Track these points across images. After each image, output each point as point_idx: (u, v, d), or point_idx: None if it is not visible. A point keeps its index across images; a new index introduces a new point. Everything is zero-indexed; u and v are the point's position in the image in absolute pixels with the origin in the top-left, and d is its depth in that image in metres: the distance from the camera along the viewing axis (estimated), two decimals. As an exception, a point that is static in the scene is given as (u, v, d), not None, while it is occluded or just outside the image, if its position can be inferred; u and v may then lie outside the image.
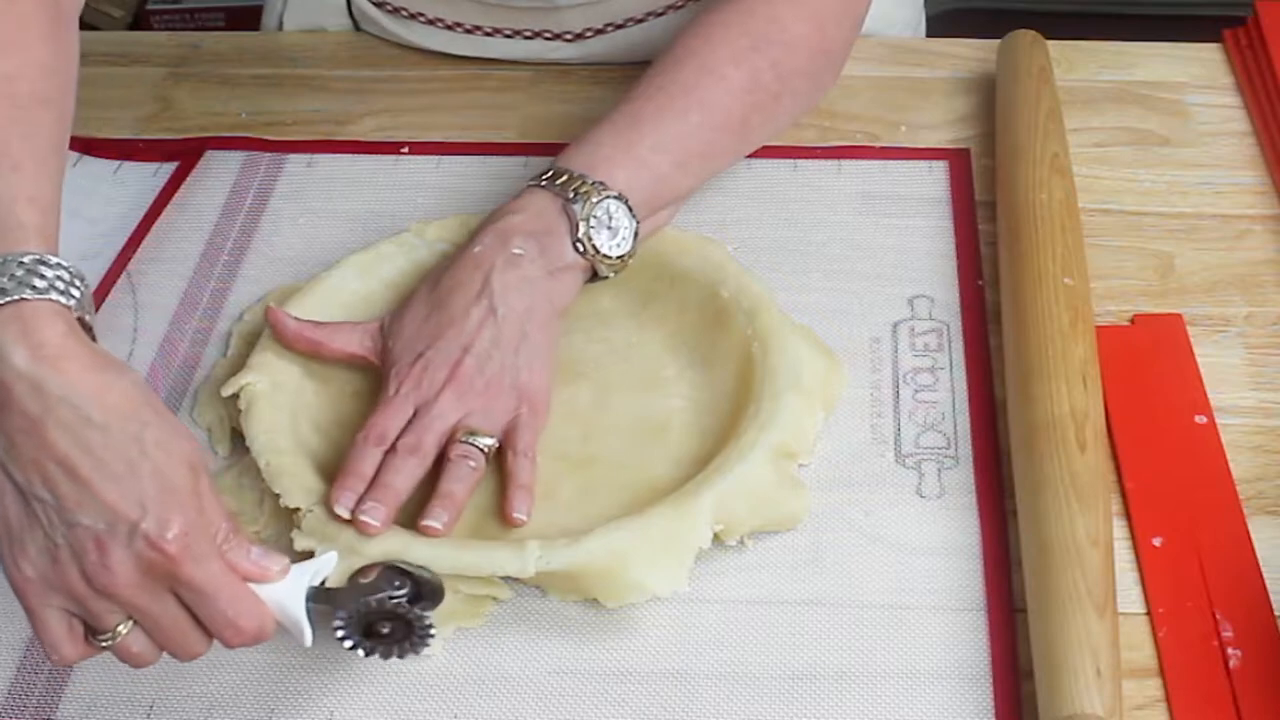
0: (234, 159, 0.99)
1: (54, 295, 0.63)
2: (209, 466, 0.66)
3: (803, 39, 0.87)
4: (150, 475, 0.62)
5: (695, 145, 0.84)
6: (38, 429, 0.61)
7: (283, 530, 0.74)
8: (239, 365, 0.81)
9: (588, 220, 0.79)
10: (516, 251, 0.78)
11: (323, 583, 0.68)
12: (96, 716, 0.69)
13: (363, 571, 0.69)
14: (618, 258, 0.81)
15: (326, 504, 0.72)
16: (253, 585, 0.65)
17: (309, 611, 0.66)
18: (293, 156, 0.99)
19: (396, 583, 0.68)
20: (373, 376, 0.82)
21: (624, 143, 0.82)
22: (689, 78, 0.85)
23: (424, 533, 0.72)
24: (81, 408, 0.61)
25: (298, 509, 0.73)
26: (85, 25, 0.90)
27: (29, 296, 0.62)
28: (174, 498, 0.62)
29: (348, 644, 0.66)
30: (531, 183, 0.82)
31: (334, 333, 0.80)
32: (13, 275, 0.63)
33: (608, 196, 0.80)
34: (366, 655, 0.66)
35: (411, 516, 0.73)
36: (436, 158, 0.99)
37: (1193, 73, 1.04)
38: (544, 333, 0.78)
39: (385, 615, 0.67)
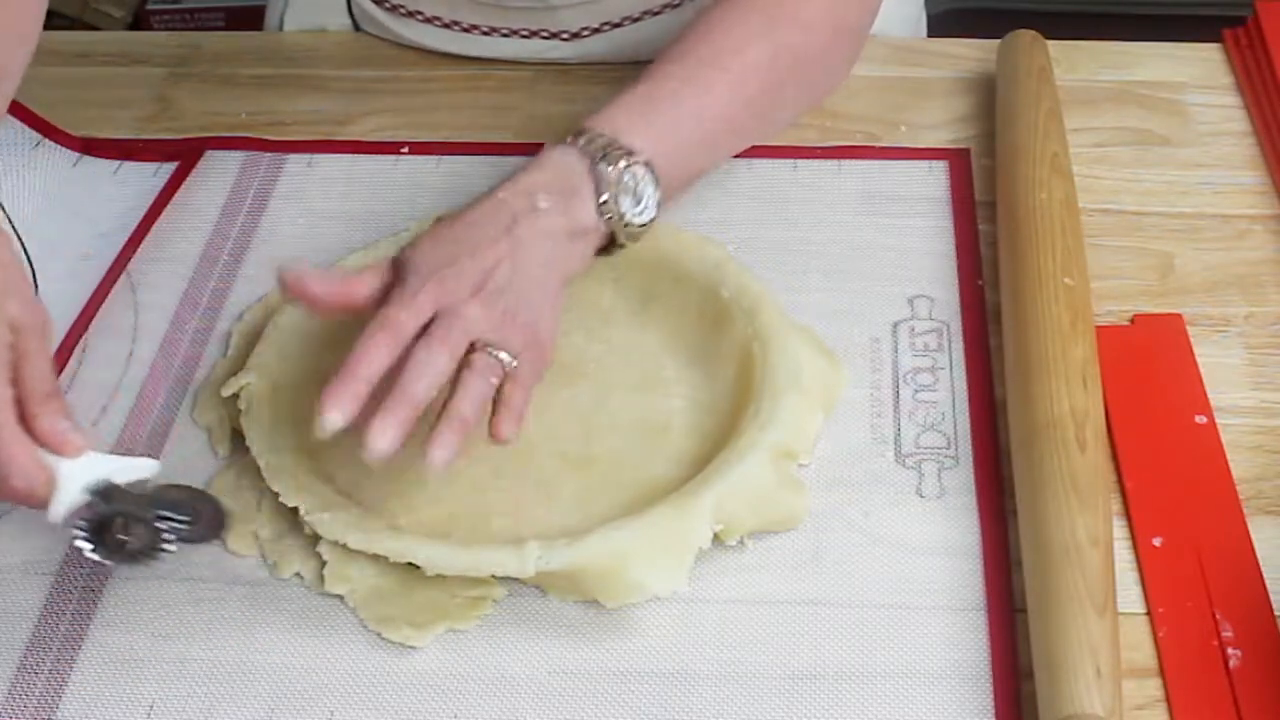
0: (234, 159, 0.99)
1: None
2: (47, 334, 0.70)
3: (819, 20, 0.87)
4: None
5: (716, 121, 0.83)
6: None
7: (282, 530, 0.75)
8: (239, 365, 0.81)
9: (616, 183, 0.77)
10: (542, 205, 0.76)
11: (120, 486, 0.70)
12: (96, 716, 0.69)
13: (173, 488, 0.72)
14: (640, 226, 0.79)
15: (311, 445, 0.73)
16: (50, 455, 0.68)
17: (86, 502, 0.68)
18: (293, 156, 0.99)
19: (183, 512, 0.70)
20: (373, 376, 0.83)
21: (649, 112, 0.81)
22: (708, 54, 0.84)
23: (431, 458, 0.68)
24: None
25: (297, 508, 0.73)
26: (85, 25, 0.90)
27: None
28: None
29: (82, 544, 0.69)
30: (557, 142, 0.79)
31: (356, 282, 0.74)
32: None
33: (635, 162, 0.78)
34: (101, 558, 0.69)
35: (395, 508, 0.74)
36: (436, 158, 0.99)
37: (1193, 73, 1.03)
38: (557, 290, 0.77)
39: (129, 523, 0.69)
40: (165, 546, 0.69)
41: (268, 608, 0.72)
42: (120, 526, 0.69)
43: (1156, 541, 0.73)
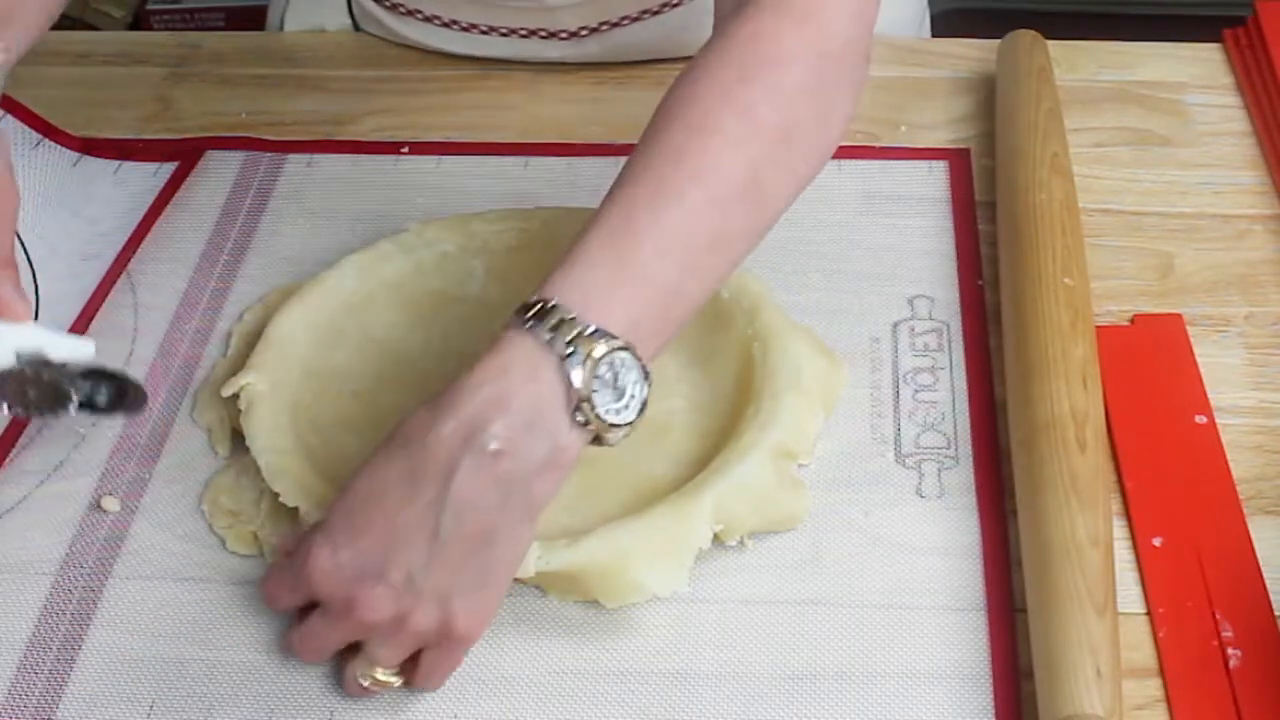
0: (234, 159, 0.99)
1: None
2: (12, 209, 0.74)
3: (800, 50, 0.72)
4: None
5: (703, 234, 0.68)
6: None
7: (282, 529, 0.74)
8: (239, 365, 0.81)
9: (592, 382, 0.63)
10: (492, 447, 0.63)
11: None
12: (96, 716, 0.69)
13: (100, 370, 0.73)
14: (625, 425, 0.65)
15: None
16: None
17: (12, 365, 0.70)
18: (293, 156, 0.99)
19: (99, 387, 0.71)
20: (374, 377, 0.83)
21: (619, 255, 0.66)
22: (677, 143, 0.69)
23: None
24: None
25: (297, 508, 0.73)
26: (85, 25, 0.90)
27: None
28: None
29: None
30: (513, 326, 0.64)
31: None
32: None
33: (613, 348, 0.64)
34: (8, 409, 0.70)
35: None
36: (436, 158, 0.99)
37: (1193, 73, 1.04)
38: (508, 552, 0.65)
39: (38, 377, 0.70)
40: (67, 406, 0.70)
41: (268, 608, 0.72)
42: (29, 380, 0.70)
43: (1156, 541, 0.73)
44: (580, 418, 0.64)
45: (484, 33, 1.05)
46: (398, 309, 0.86)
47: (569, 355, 0.63)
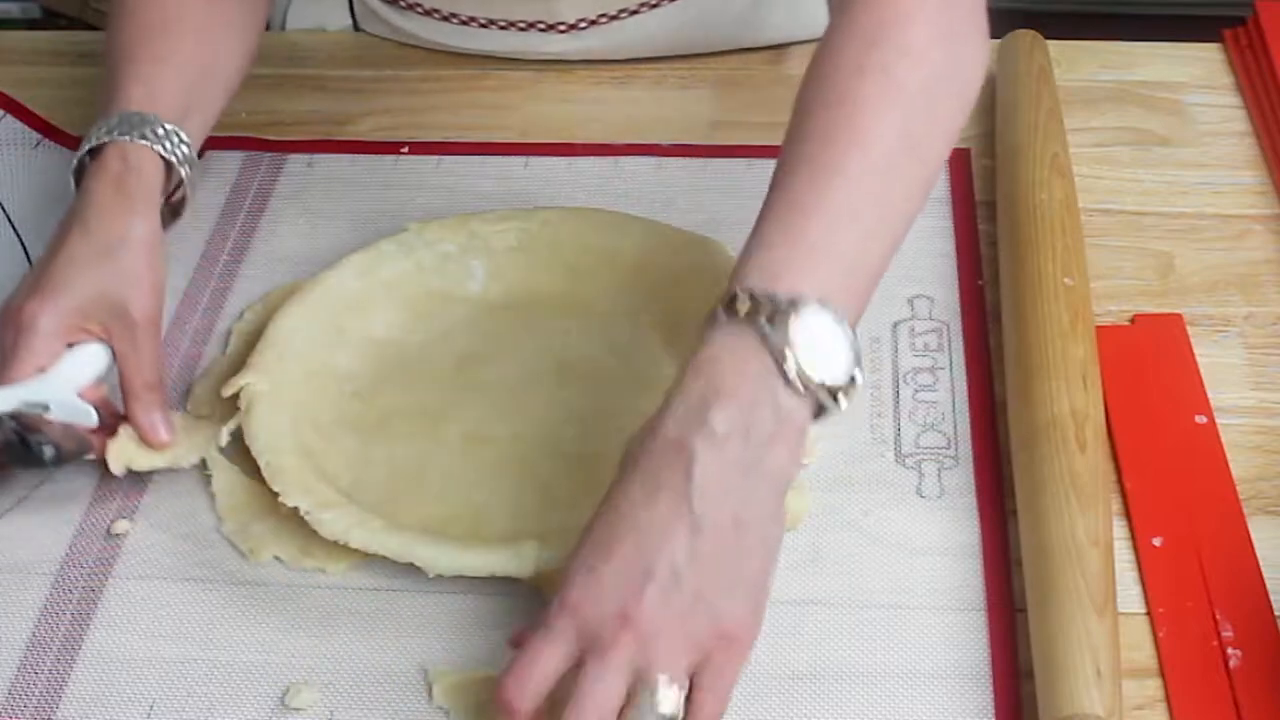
0: (234, 159, 0.99)
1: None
2: (158, 329, 0.78)
3: (919, 5, 0.73)
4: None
5: (868, 201, 0.70)
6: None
7: (282, 529, 0.74)
8: (238, 364, 0.81)
9: (793, 345, 0.64)
10: (721, 429, 0.63)
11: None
12: (96, 716, 0.69)
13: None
14: (843, 384, 0.66)
15: None
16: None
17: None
18: (293, 156, 0.99)
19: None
20: (374, 377, 0.83)
21: (793, 235, 0.68)
22: (823, 123, 0.71)
23: None
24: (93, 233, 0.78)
25: (297, 508, 0.73)
26: (85, 25, 0.90)
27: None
28: (71, 274, 0.76)
29: None
30: (709, 323, 0.67)
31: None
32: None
33: (809, 311, 0.65)
34: None
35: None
36: (436, 158, 0.99)
37: (1193, 73, 1.04)
38: (763, 538, 0.64)
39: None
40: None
41: (268, 608, 0.72)
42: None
43: (1156, 541, 0.73)
44: (795, 385, 0.65)
45: (483, 26, 1.05)
46: (398, 309, 0.86)
47: (767, 329, 0.65)
